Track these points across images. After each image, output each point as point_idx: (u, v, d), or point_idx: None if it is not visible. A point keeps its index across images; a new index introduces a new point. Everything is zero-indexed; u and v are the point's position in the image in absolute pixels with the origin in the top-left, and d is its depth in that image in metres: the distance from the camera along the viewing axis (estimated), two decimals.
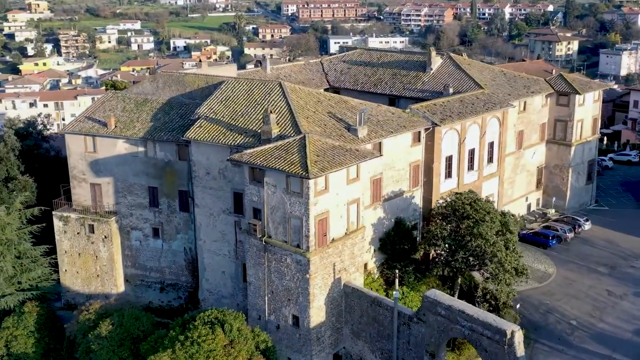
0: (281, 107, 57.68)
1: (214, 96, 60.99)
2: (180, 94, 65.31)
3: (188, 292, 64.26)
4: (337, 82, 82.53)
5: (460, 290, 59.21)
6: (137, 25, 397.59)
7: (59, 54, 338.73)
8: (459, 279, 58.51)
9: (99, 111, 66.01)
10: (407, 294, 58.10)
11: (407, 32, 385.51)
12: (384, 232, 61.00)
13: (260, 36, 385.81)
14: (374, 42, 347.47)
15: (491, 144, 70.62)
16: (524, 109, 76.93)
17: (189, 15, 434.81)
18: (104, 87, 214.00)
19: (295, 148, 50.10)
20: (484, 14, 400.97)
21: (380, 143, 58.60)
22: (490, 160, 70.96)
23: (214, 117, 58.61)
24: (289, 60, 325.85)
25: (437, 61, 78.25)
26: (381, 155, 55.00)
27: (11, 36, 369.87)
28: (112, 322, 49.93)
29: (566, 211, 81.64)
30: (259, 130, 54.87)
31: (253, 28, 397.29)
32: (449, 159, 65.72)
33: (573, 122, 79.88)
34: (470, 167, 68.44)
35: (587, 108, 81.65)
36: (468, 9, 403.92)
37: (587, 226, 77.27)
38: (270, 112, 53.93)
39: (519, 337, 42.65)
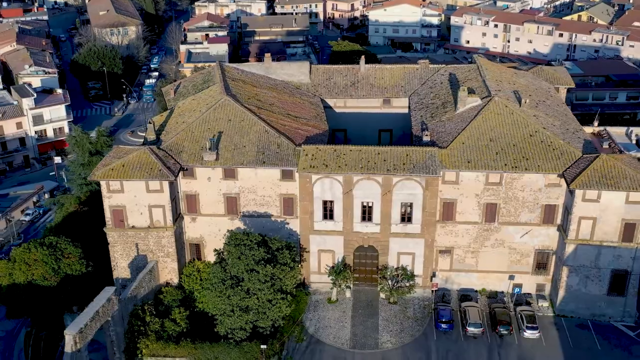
0: (196, 117, 73.79)
1: (194, 95, 79.68)
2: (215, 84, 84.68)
3: None
4: (410, 95, 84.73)
5: None
6: None
7: None
8: None
9: (189, 79, 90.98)
10: None
11: None
12: None
13: None
14: None
15: (410, 205, 68.81)
16: (500, 182, 68.11)
17: None
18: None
19: (125, 156, 68.79)
20: None
21: (234, 170, 69.60)
22: (407, 220, 69.44)
23: (177, 112, 78.06)
24: None
25: (469, 102, 74.33)
26: (175, 179, 67.36)
27: None
28: None
29: (557, 311, 70.09)
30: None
31: None
32: (329, 204, 69.52)
33: (570, 217, 66.10)
34: (367, 219, 69.76)
35: (611, 208, 65.27)
36: None
37: (530, 334, 66.71)
38: (150, 122, 72.09)
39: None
